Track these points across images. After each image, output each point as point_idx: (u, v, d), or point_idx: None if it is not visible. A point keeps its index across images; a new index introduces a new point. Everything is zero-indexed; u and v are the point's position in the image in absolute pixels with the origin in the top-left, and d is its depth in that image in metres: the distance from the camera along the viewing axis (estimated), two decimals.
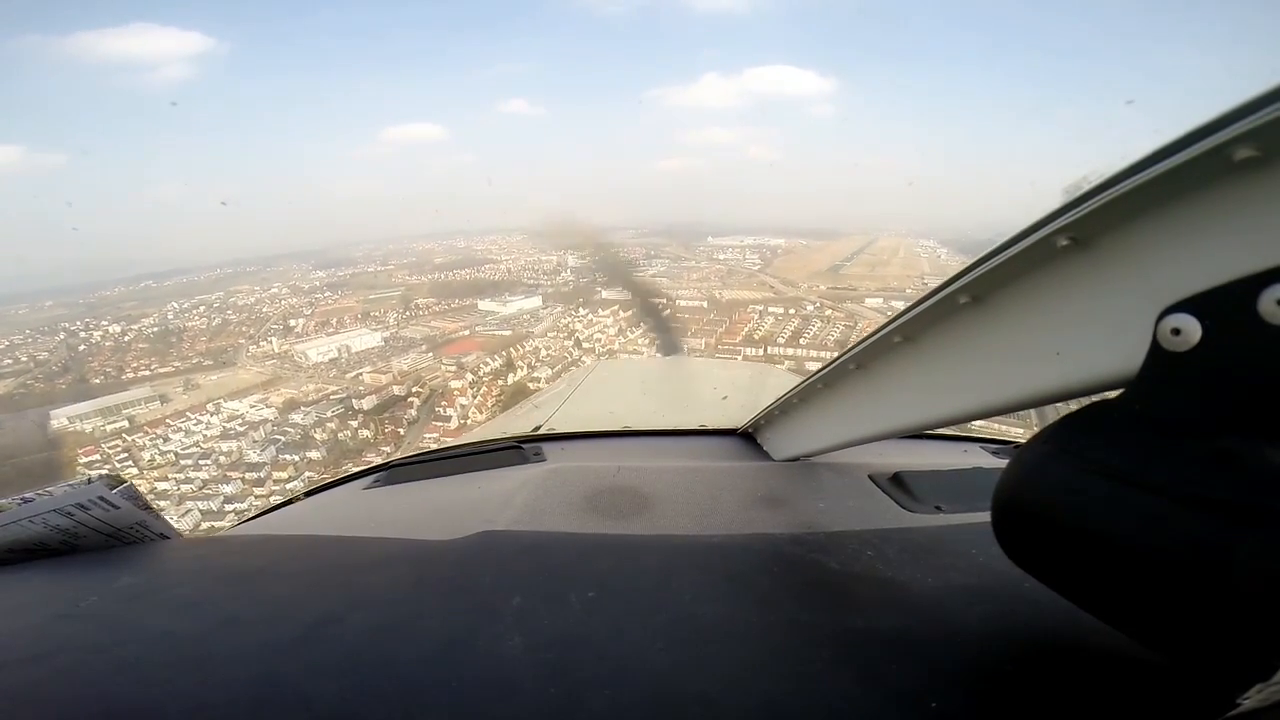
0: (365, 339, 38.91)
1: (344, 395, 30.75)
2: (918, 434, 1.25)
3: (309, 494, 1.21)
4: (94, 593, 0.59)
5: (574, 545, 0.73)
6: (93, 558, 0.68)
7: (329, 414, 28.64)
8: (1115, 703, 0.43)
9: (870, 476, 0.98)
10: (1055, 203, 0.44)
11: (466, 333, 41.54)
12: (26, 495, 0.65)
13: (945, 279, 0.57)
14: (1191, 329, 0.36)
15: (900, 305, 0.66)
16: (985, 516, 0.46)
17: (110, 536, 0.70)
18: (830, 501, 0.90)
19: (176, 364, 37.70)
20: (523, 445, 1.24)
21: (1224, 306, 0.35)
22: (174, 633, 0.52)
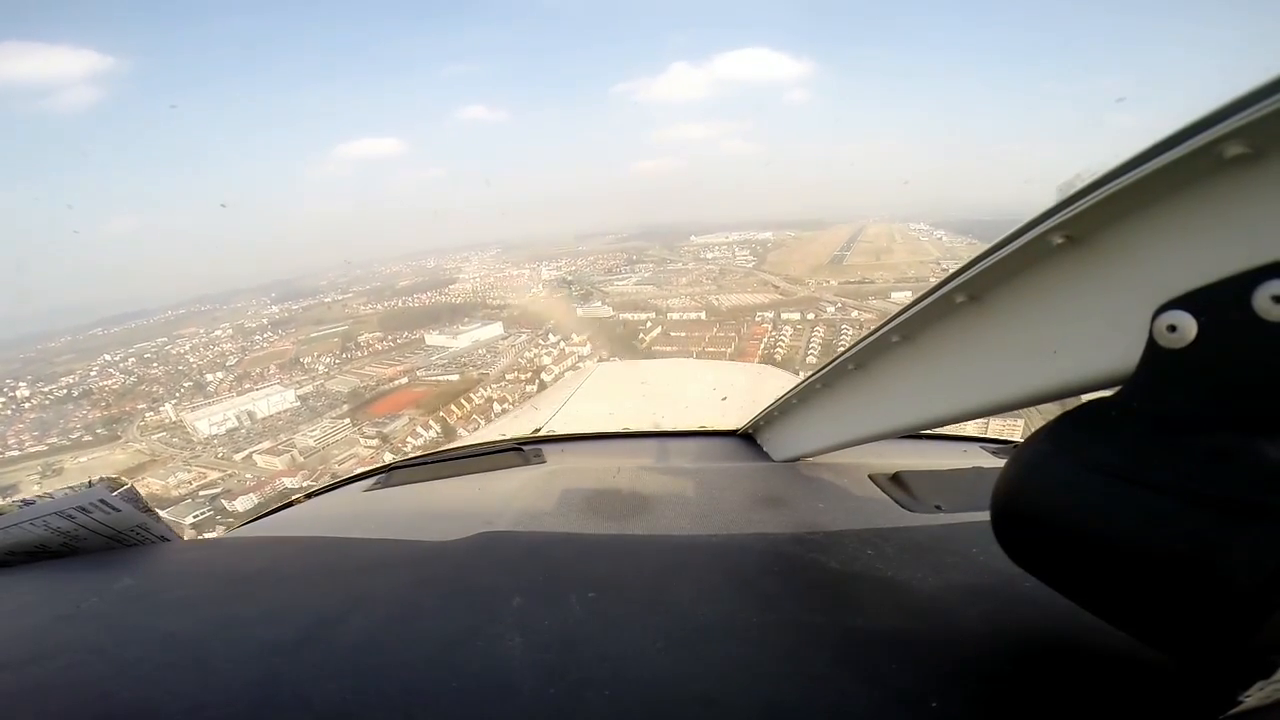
0: (276, 400, 31.39)
1: (217, 491, 23.11)
2: (918, 434, 1.25)
3: (310, 496, 1.21)
4: (95, 594, 0.59)
5: (574, 546, 0.73)
6: (93, 560, 0.68)
7: (188, 520, 21.18)
8: (1116, 701, 0.42)
9: (870, 476, 0.98)
10: (1049, 199, 0.44)
11: (404, 380, 33.95)
12: (28, 498, 0.65)
13: (945, 275, 0.57)
14: (1187, 326, 0.36)
15: None
16: (985, 516, 0.46)
17: (111, 539, 0.70)
18: (830, 501, 0.89)
19: (53, 440, 30.74)
20: (523, 447, 1.24)
21: (1219, 303, 0.35)
22: (174, 634, 0.52)
